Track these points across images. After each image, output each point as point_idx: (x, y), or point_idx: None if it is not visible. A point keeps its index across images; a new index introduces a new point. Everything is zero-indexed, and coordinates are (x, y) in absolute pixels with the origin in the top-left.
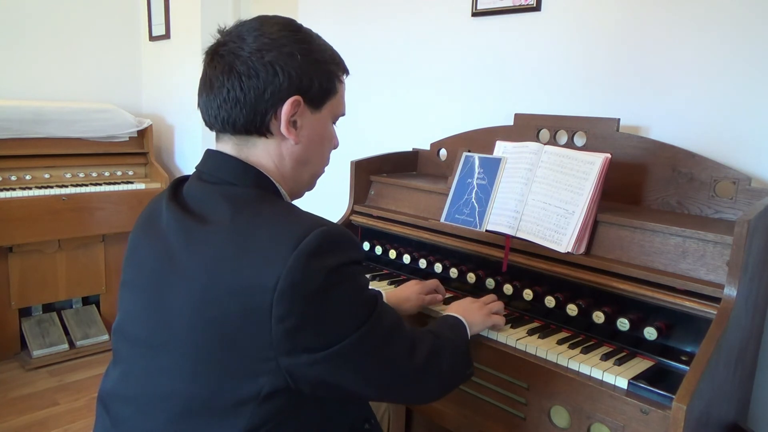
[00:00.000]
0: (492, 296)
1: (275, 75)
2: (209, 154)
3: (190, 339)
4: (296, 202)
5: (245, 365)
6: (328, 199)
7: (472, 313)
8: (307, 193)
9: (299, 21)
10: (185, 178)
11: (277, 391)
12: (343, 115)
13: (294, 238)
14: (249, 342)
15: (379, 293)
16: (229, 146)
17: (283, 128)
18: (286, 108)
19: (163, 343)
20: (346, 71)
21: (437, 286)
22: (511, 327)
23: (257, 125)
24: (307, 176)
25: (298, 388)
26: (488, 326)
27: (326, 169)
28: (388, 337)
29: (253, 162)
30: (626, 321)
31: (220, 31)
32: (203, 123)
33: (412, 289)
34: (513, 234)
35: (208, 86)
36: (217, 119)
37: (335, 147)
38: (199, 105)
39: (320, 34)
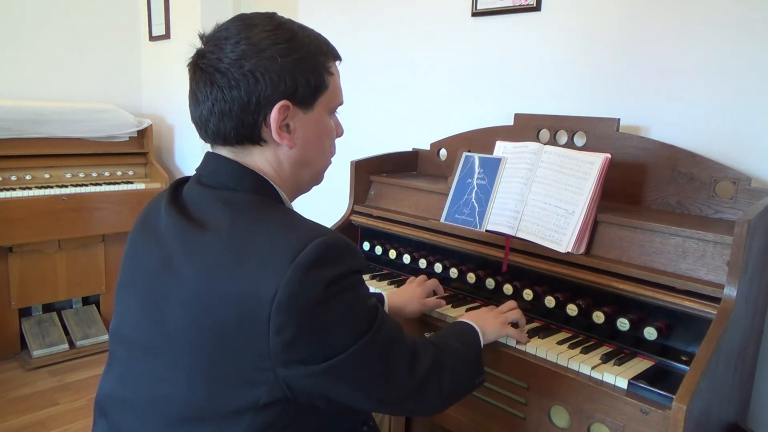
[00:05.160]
0: (511, 303)
1: (257, 83)
2: (209, 157)
3: (187, 346)
4: (301, 198)
5: (242, 374)
6: (328, 199)
7: (487, 321)
8: (311, 190)
9: (299, 19)
10: (185, 179)
11: (275, 401)
12: (341, 104)
13: (293, 248)
14: (246, 352)
15: (380, 298)
16: (225, 152)
17: (274, 135)
18: (274, 114)
19: (160, 348)
20: (336, 58)
21: (436, 286)
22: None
23: (248, 135)
24: (309, 175)
25: (296, 398)
26: (503, 336)
27: (327, 169)
28: (388, 350)
29: (252, 167)
30: (626, 321)
31: (201, 36)
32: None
33: (415, 293)
34: (513, 234)
35: (194, 100)
36: (207, 133)
37: (339, 135)
38: (191, 118)
39: (319, 33)
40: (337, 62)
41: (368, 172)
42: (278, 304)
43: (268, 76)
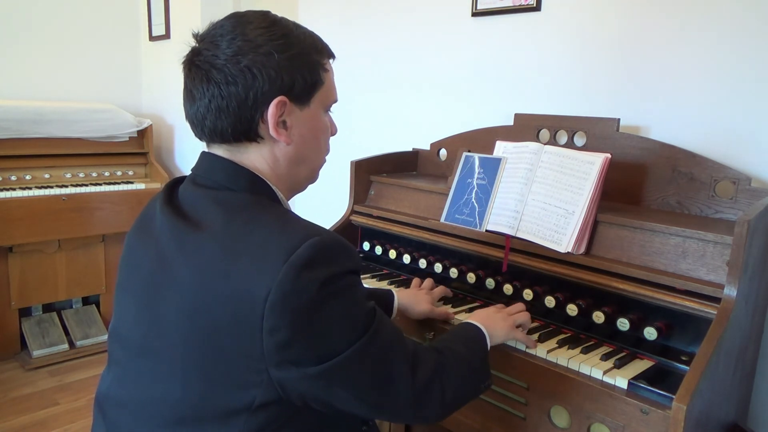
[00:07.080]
0: (519, 306)
1: (254, 78)
2: (203, 156)
3: (182, 346)
4: (299, 196)
5: (236, 375)
6: (328, 199)
7: (495, 323)
8: (309, 190)
9: (298, 19)
10: (180, 180)
11: (270, 402)
12: (336, 101)
13: (286, 248)
14: (240, 352)
15: (389, 296)
16: (221, 151)
17: (272, 131)
18: (271, 110)
19: (156, 349)
20: (330, 56)
21: (444, 292)
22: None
23: (245, 132)
24: (305, 173)
25: (290, 400)
26: (510, 339)
27: (326, 169)
28: (386, 355)
29: (248, 166)
30: (626, 321)
31: (195, 36)
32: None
33: (425, 297)
34: (513, 234)
35: (190, 98)
36: (204, 131)
37: (334, 134)
38: (186, 117)
39: (319, 34)
40: (331, 60)
41: (368, 172)
42: (271, 305)
43: (265, 71)
